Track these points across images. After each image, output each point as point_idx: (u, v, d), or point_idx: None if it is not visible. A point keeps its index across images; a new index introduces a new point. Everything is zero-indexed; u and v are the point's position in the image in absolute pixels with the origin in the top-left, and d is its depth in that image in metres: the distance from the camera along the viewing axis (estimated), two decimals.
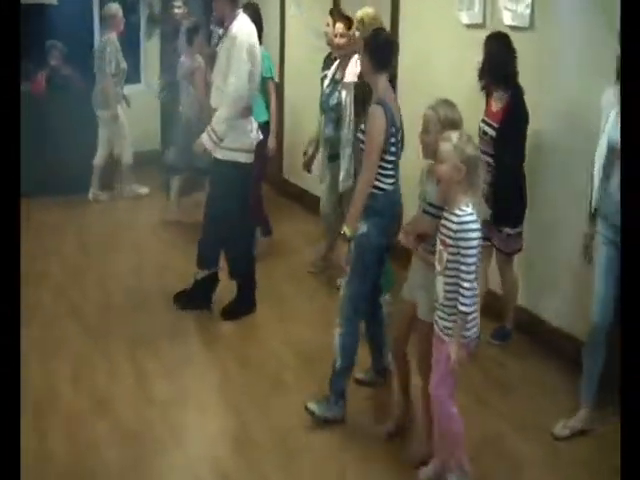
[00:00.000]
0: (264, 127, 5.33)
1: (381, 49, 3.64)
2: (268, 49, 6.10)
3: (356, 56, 4.93)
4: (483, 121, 4.32)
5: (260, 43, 4.92)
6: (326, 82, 5.21)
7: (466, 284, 2.90)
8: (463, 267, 2.89)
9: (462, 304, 2.93)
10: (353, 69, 4.89)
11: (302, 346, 4.56)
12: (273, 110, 5.84)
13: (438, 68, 4.97)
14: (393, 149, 3.54)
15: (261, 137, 4.94)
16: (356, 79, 4.82)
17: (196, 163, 6.04)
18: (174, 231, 6.69)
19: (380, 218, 3.57)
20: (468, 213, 2.89)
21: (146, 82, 8.72)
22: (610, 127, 3.31)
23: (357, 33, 4.66)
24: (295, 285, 5.55)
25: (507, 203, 4.24)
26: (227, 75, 4.52)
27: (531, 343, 4.55)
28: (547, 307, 4.52)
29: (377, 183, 3.56)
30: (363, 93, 4.51)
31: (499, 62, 4.17)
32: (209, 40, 6.88)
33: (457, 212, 2.89)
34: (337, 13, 5.22)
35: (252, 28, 4.68)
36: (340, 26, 5.07)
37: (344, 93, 4.92)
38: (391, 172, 3.58)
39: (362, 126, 3.63)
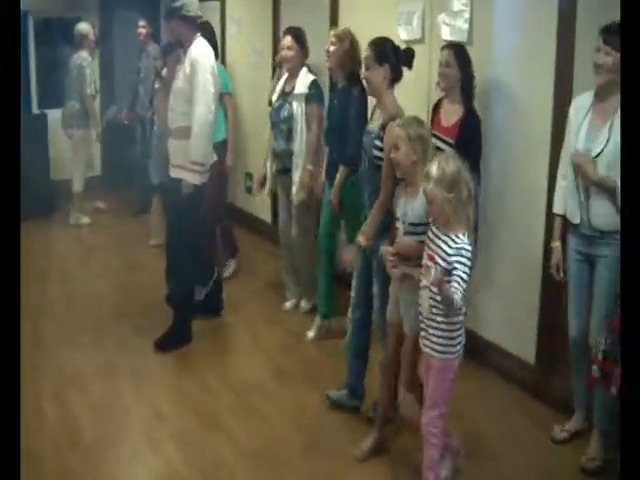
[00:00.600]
0: (221, 146, 5.24)
1: (399, 60, 3.52)
2: None
3: (305, 69, 4.91)
4: (434, 136, 4.13)
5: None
6: (275, 96, 5.10)
7: (460, 287, 2.76)
8: (456, 282, 2.77)
9: (455, 293, 2.75)
10: (303, 80, 4.87)
11: (239, 381, 4.32)
12: (231, 126, 5.71)
13: None
14: None
15: (215, 158, 4.77)
16: (307, 90, 4.80)
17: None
18: (110, 258, 6.45)
19: None
20: (464, 242, 2.86)
21: None
22: (580, 135, 3.30)
23: (332, 48, 4.58)
24: (237, 314, 5.30)
25: None
26: (190, 100, 4.38)
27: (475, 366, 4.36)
28: (488, 327, 4.39)
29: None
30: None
31: (470, 74, 4.01)
32: None
33: (454, 238, 2.86)
34: (288, 28, 5.11)
35: (210, 50, 4.57)
36: (288, 39, 4.97)
37: (295, 105, 4.87)
38: None
39: (377, 142, 3.47)
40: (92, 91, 7.11)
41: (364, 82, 3.76)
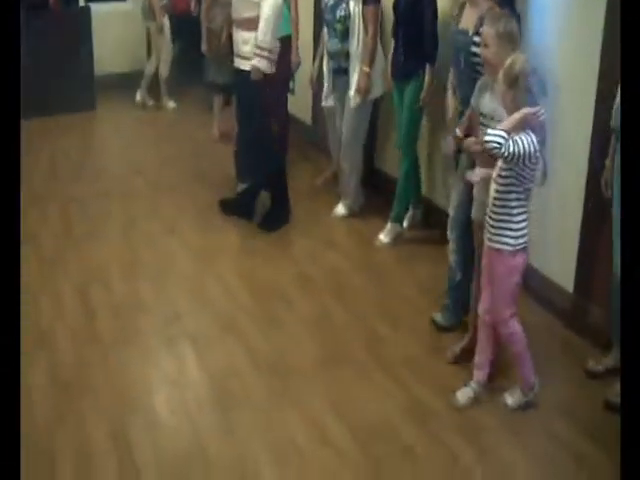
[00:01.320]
0: (285, 41, 5.09)
1: None
2: None
3: None
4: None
5: None
6: None
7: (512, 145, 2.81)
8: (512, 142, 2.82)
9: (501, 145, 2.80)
10: None
11: (262, 286, 4.24)
12: (294, 23, 5.46)
13: None
14: None
15: (278, 47, 4.78)
16: None
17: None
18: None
19: None
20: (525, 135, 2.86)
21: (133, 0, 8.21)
22: None
23: None
24: None
25: None
26: None
27: None
28: None
29: None
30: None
31: None
32: None
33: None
34: None
35: None
36: None
37: (352, 4, 4.66)
38: None
39: (476, 39, 3.42)
40: None
41: None
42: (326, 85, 5.07)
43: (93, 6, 7.47)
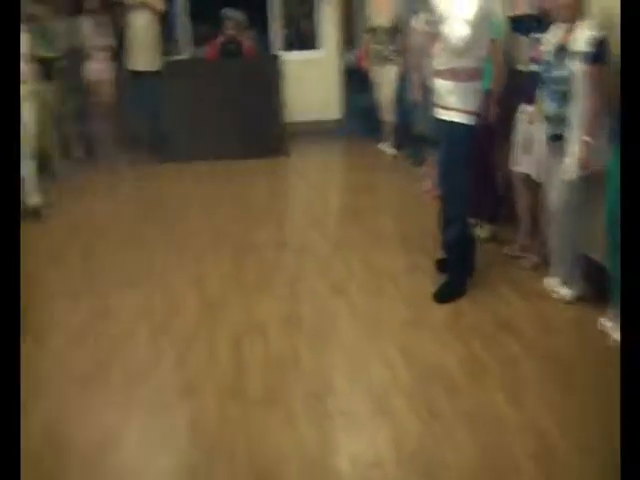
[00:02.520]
0: (486, 96, 4.82)
1: None
2: None
3: (587, 20, 4.12)
4: None
5: None
6: (548, 47, 4.34)
7: None
8: None
9: None
10: (585, 35, 4.05)
11: (426, 363, 3.81)
12: (497, 74, 5.09)
13: None
14: None
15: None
16: (590, 48, 4.02)
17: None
18: None
19: None
20: None
21: (325, 47, 8.24)
22: None
23: None
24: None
25: None
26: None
27: None
28: None
29: None
30: None
31: None
32: None
33: None
34: None
35: None
36: None
37: (575, 64, 4.10)
38: None
39: None
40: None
41: None
42: (518, 147, 4.67)
43: (287, 54, 7.60)
